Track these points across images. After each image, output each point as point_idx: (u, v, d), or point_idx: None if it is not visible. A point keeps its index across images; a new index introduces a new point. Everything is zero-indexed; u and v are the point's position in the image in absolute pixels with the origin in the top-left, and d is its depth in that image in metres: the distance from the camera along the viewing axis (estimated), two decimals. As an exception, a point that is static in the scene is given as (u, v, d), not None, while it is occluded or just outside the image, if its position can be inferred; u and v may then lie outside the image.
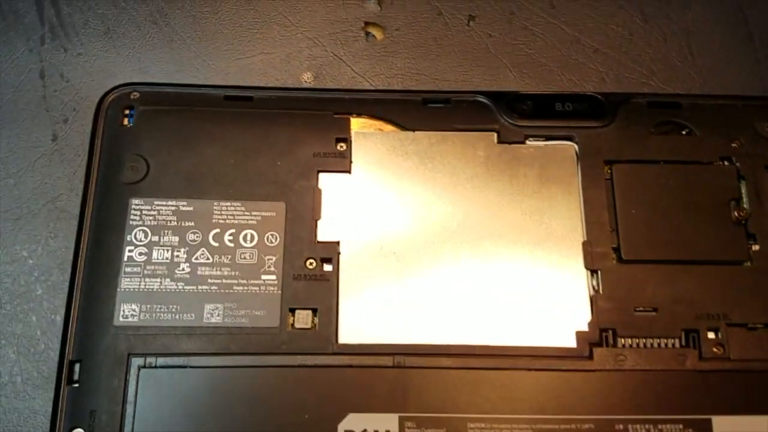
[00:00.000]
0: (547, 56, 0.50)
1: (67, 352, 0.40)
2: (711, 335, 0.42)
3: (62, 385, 0.40)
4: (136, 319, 0.40)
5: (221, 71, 0.48)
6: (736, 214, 0.45)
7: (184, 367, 0.39)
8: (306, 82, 0.49)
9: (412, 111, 0.47)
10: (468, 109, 0.47)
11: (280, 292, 0.41)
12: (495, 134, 0.46)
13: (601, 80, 0.49)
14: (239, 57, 0.49)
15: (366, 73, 0.49)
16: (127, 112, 0.45)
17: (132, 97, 0.46)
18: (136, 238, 0.42)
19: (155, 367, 0.39)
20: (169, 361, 0.39)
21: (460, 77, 0.50)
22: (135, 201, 0.42)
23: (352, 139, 0.46)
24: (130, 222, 0.42)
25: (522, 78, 0.50)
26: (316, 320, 0.41)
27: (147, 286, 0.41)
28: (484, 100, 0.47)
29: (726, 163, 0.46)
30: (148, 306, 0.40)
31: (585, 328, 0.42)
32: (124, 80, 0.47)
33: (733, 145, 0.46)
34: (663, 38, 0.51)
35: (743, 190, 0.46)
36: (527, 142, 0.47)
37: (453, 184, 0.45)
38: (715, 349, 0.42)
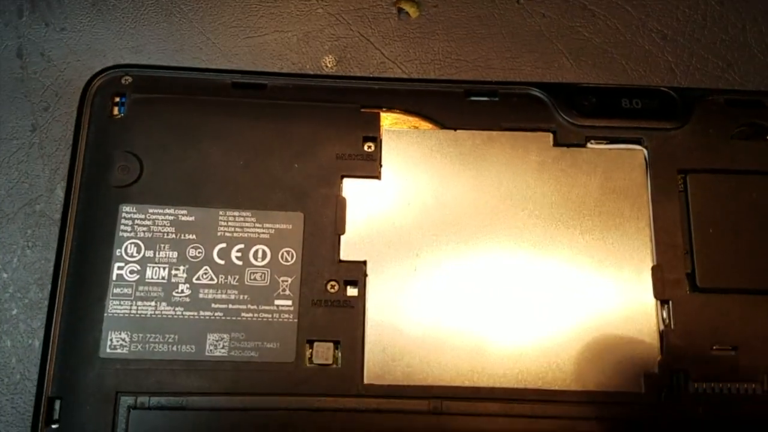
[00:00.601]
0: (609, 42, 0.43)
1: (45, 386, 0.34)
2: (805, 379, 0.36)
3: (40, 425, 0.34)
4: (126, 350, 0.34)
5: (229, 53, 0.41)
6: (825, 234, 0.38)
7: (183, 408, 0.33)
8: (327, 67, 0.42)
9: (453, 105, 0.40)
10: (519, 103, 0.40)
11: (296, 320, 0.35)
12: (551, 135, 0.40)
13: (670, 72, 0.42)
14: (250, 35, 0.42)
15: (398, 57, 0.42)
16: (117, 99, 0.39)
17: (123, 81, 0.39)
18: (126, 253, 0.35)
19: (148, 408, 0.33)
20: (165, 401, 0.33)
21: (508, 65, 0.43)
22: (126, 208, 0.36)
23: (382, 138, 0.39)
24: (120, 233, 0.35)
25: (579, 67, 0.43)
26: (339, 355, 0.35)
27: (139, 311, 0.34)
28: (539, 94, 0.40)
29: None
30: (141, 335, 0.34)
31: (654, 369, 0.36)
32: (115, 61, 0.40)
33: (827, 151, 0.40)
34: (742, 24, 0.44)
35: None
36: (589, 145, 0.40)
37: (500, 194, 0.38)
38: (805, 396, 0.36)
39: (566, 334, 0.36)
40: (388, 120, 0.40)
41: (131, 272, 0.35)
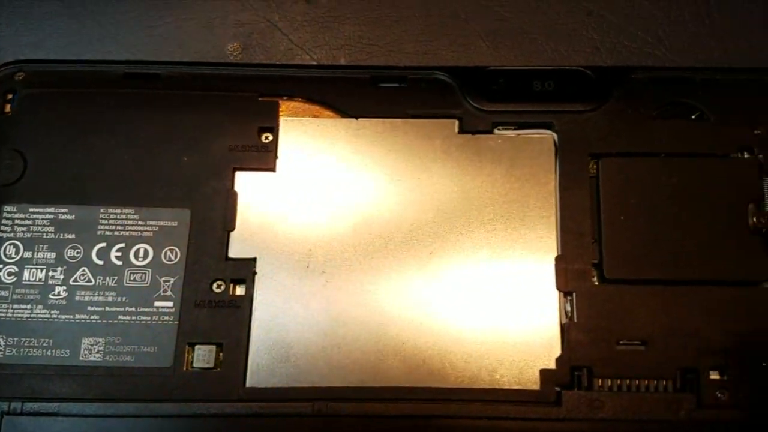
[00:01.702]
0: (529, 21, 0.41)
1: None
2: (715, 376, 0.34)
3: None
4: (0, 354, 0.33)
5: (130, 44, 0.40)
6: (754, 220, 0.36)
7: (56, 414, 0.32)
8: (232, 55, 0.40)
9: (359, 92, 0.38)
10: (427, 89, 0.38)
11: (176, 322, 0.34)
12: (456, 122, 0.38)
13: (595, 51, 0.40)
14: (152, 25, 0.41)
15: (306, 44, 0.41)
16: (10, 96, 0.37)
17: (16, 78, 0.38)
18: (5, 255, 0.34)
19: (21, 413, 0.32)
20: (38, 407, 0.33)
21: (421, 49, 0.41)
22: (7, 208, 0.35)
23: (280, 128, 0.37)
24: (0, 234, 0.35)
25: (497, 49, 0.41)
26: (221, 358, 0.34)
27: (14, 314, 0.34)
28: (447, 79, 0.38)
29: (746, 155, 0.37)
30: (15, 339, 0.33)
31: (552, 365, 0.34)
32: (14, 57, 0.39)
33: (756, 132, 0.37)
34: None
35: (766, 190, 0.37)
36: (496, 131, 0.38)
37: (402, 185, 0.37)
38: (719, 394, 0.34)
39: (462, 329, 0.35)
40: (288, 109, 0.38)
41: (9, 274, 0.34)
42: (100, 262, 0.34)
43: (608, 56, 0.40)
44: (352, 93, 0.38)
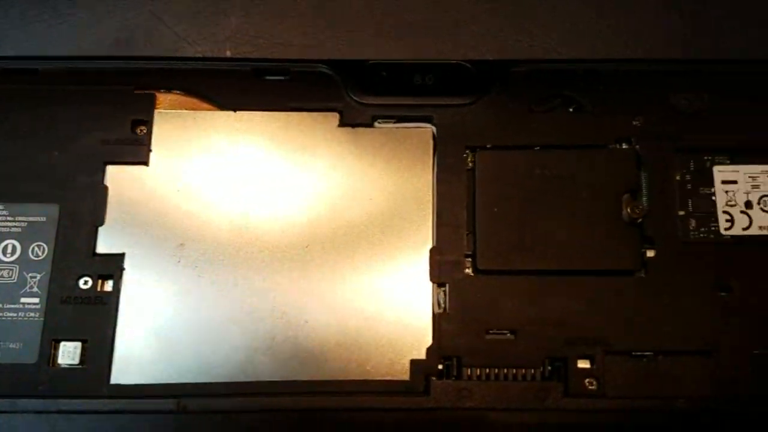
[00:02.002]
0: (416, 14, 0.41)
1: None
2: (584, 365, 0.34)
3: None
4: None
5: (10, 39, 0.39)
6: (629, 210, 0.36)
7: None
8: (119, 48, 0.40)
9: (239, 85, 0.38)
10: (309, 82, 0.38)
11: (42, 319, 0.34)
12: (337, 115, 0.38)
13: (479, 45, 0.40)
14: (32, 20, 0.40)
15: (191, 36, 0.40)
16: None
17: None
18: None
19: None
20: None
21: (308, 42, 0.40)
22: None
23: (154, 121, 0.37)
24: None
25: (384, 43, 0.40)
26: (86, 355, 0.34)
27: None
28: (328, 72, 0.38)
29: (624, 145, 0.37)
30: None
31: (422, 355, 0.34)
32: None
33: (635, 122, 0.37)
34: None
35: (643, 181, 0.37)
36: (376, 124, 0.38)
37: (280, 180, 0.37)
38: (587, 383, 0.34)
39: (335, 323, 0.35)
40: (165, 102, 0.38)
41: None
42: (-34, 259, 0.34)
43: (495, 50, 0.40)
44: (233, 86, 0.38)
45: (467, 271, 0.36)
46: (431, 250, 0.36)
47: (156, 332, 0.34)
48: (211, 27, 0.40)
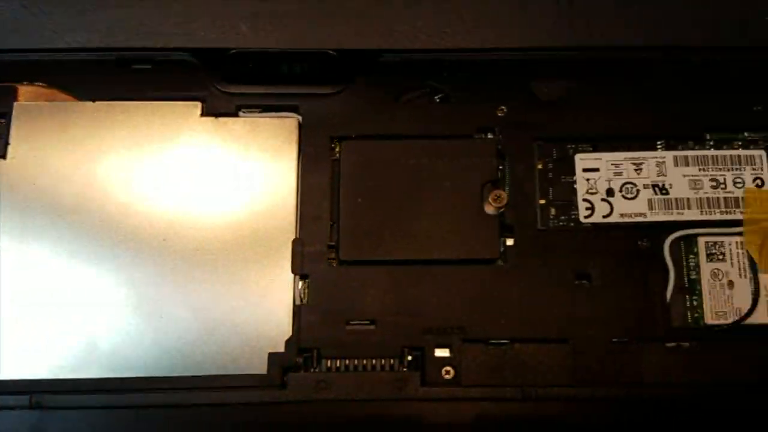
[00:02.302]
0: (281, 2, 0.40)
1: None
2: (442, 353, 0.35)
3: None
4: None
5: None
6: (490, 200, 0.36)
7: None
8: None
9: (105, 76, 0.38)
10: (173, 71, 0.38)
11: None
12: (200, 104, 0.37)
13: (344, 34, 0.40)
14: None
15: (60, 27, 0.40)
16: None
17: None
18: None
19: None
20: None
21: (181, 31, 0.40)
22: None
23: (14, 113, 0.36)
24: None
25: (258, 32, 0.40)
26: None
27: None
28: (194, 61, 0.38)
29: (487, 135, 0.37)
30: None
31: (281, 348, 0.34)
32: None
33: (498, 113, 0.38)
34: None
35: (505, 170, 0.37)
36: (240, 114, 0.38)
37: (141, 169, 0.36)
38: (444, 372, 0.34)
39: (195, 316, 0.34)
40: (26, 94, 0.37)
41: None
42: None
43: (374, 39, 0.40)
44: (97, 76, 0.37)
45: (329, 262, 0.36)
46: (293, 242, 0.35)
47: (6, 329, 0.33)
48: (74, 17, 0.40)
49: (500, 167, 0.37)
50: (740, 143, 0.37)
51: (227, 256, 0.35)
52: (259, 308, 0.35)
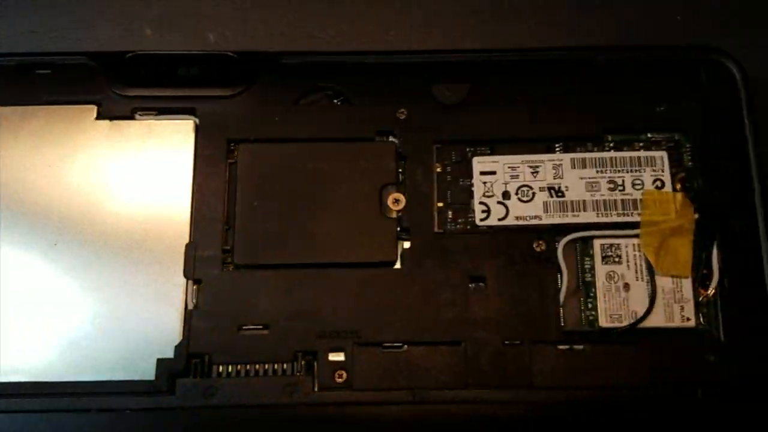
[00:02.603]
0: (196, 6, 0.40)
1: None
2: (336, 357, 0.34)
3: None
4: None
5: None
6: (388, 203, 0.36)
7: None
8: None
9: (7, 81, 0.37)
10: (72, 75, 0.37)
11: None
12: (95, 108, 0.37)
13: (245, 36, 0.40)
14: None
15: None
16: None
17: None
18: None
19: None
20: None
21: (87, 35, 0.40)
22: None
23: None
24: None
25: (161, 35, 0.40)
26: None
27: None
28: (93, 64, 0.38)
29: (387, 138, 0.37)
30: None
31: (171, 354, 0.34)
32: None
33: (398, 115, 0.37)
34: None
35: (404, 174, 0.37)
36: (137, 117, 0.37)
37: (35, 174, 0.36)
38: (337, 376, 0.34)
39: (85, 322, 0.34)
40: None
41: None
42: None
43: (278, 41, 0.40)
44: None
45: (224, 266, 0.35)
46: (187, 246, 0.35)
47: None
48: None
49: (400, 170, 0.37)
50: (642, 144, 0.37)
51: (120, 261, 0.35)
52: (151, 313, 0.34)
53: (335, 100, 0.38)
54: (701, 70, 0.38)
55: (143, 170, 0.36)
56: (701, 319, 0.35)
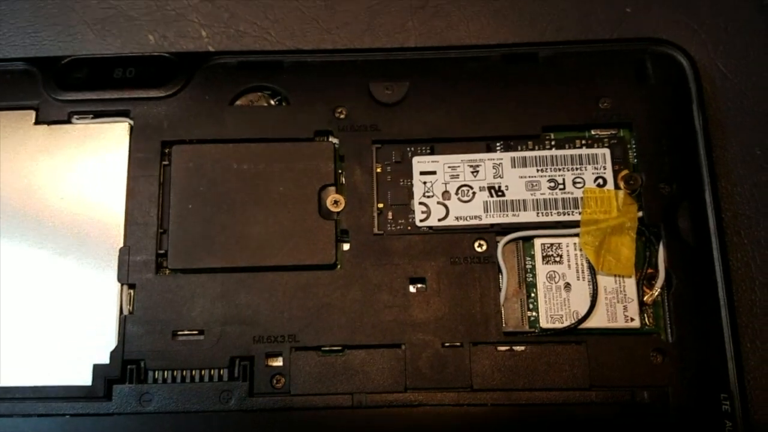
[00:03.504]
0: (137, 8, 0.40)
1: None
2: (275, 363, 0.34)
3: None
4: None
5: None
6: (327, 204, 0.36)
7: None
8: None
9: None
10: (10, 81, 0.37)
11: None
12: (33, 112, 0.37)
13: (200, 37, 0.39)
14: None
15: None
16: None
17: None
18: None
19: None
20: None
21: (29, 41, 0.39)
22: None
23: None
24: None
25: (104, 38, 0.39)
26: None
27: None
28: (31, 69, 0.37)
29: (326, 138, 0.37)
30: None
31: (106, 360, 0.34)
32: None
33: (337, 115, 0.37)
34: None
35: (342, 174, 0.36)
36: (73, 120, 0.37)
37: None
38: (274, 381, 0.34)
39: (21, 327, 0.34)
40: None
41: None
42: None
43: (219, 41, 0.39)
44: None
45: (158, 270, 0.35)
46: (120, 250, 0.35)
47: None
48: None
49: (339, 171, 0.36)
50: (584, 142, 0.36)
51: (56, 265, 0.35)
52: (86, 318, 0.34)
53: (272, 100, 0.37)
54: (647, 62, 0.37)
55: (79, 174, 0.36)
56: (647, 320, 0.35)
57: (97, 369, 0.33)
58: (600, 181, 0.36)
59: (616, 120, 0.36)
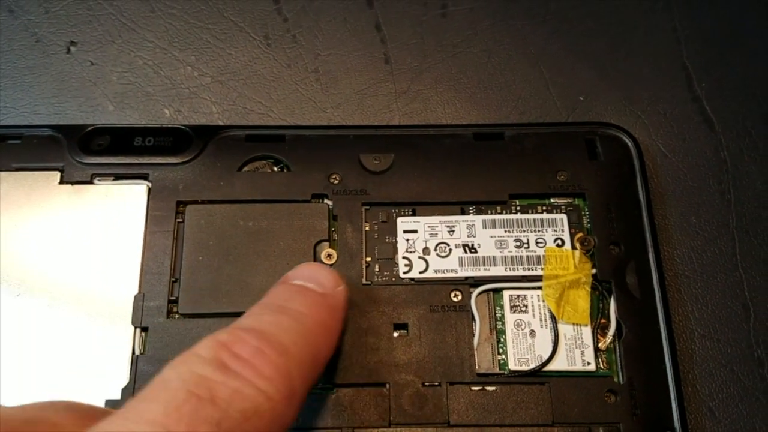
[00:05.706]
0: (154, 85, 0.45)
1: None
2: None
3: None
4: None
5: None
6: (322, 258, 0.40)
7: None
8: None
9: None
10: (38, 146, 0.42)
11: None
12: (58, 174, 0.41)
13: (211, 113, 0.45)
14: None
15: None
16: None
17: None
18: None
19: None
20: None
21: (53, 111, 0.44)
22: None
23: None
24: None
25: (123, 110, 0.45)
26: None
27: None
28: (57, 135, 0.42)
29: (322, 201, 0.42)
30: None
31: (118, 396, 0.37)
32: None
33: (332, 181, 0.42)
34: (288, 64, 0.46)
35: (335, 232, 0.41)
36: (95, 182, 0.41)
37: (2, 234, 0.40)
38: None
39: (40, 366, 0.37)
40: None
41: None
42: None
43: (225, 116, 0.45)
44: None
45: (169, 315, 0.39)
46: (135, 296, 0.39)
47: None
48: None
49: (332, 228, 0.41)
50: (545, 208, 0.42)
51: (75, 311, 0.38)
52: (101, 358, 0.38)
53: (275, 167, 0.42)
54: (597, 142, 0.43)
55: (100, 229, 0.40)
56: (601, 364, 0.39)
57: (109, 404, 0.37)
58: (559, 241, 0.41)
59: (571, 190, 0.42)
